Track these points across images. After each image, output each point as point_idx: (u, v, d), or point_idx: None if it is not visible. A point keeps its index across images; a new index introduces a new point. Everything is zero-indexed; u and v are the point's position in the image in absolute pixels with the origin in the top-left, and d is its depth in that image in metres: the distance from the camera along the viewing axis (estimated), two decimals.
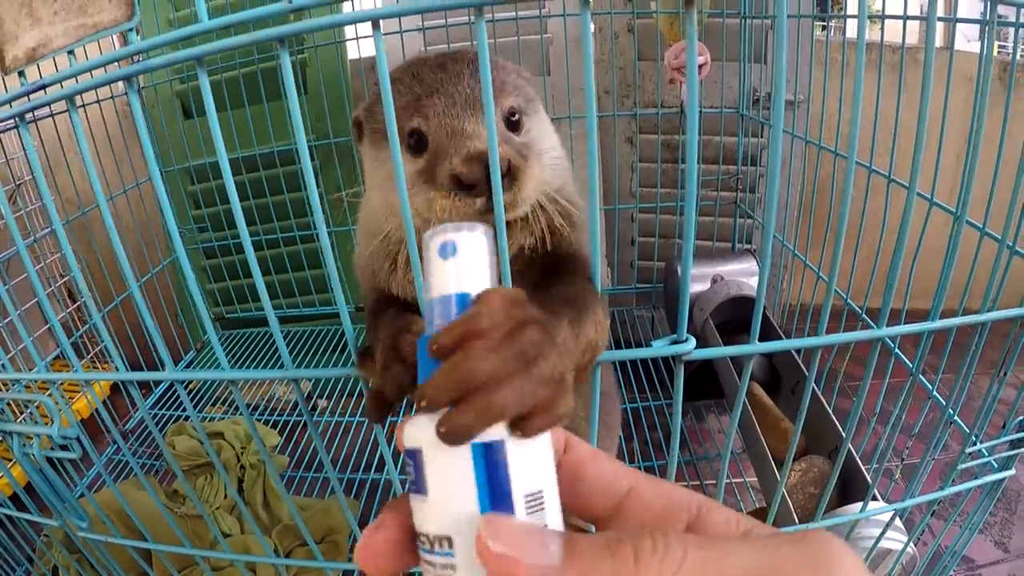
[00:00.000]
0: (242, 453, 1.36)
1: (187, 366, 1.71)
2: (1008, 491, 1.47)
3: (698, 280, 1.44)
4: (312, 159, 1.56)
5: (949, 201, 0.64)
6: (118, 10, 0.43)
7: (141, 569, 1.07)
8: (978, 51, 0.60)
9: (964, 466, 0.78)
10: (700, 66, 1.38)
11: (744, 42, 1.47)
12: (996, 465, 0.81)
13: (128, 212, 1.47)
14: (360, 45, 1.63)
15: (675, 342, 0.50)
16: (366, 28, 1.55)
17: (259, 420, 1.55)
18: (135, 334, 1.44)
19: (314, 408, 1.66)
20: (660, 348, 0.51)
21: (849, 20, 1.46)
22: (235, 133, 1.53)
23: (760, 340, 0.52)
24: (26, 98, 0.46)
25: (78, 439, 0.68)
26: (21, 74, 0.46)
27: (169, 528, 0.75)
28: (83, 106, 1.38)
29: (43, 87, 0.45)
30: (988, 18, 0.49)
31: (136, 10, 0.44)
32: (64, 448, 0.67)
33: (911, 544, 0.85)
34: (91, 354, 1.62)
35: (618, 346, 1.72)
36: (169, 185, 1.65)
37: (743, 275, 1.44)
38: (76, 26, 0.43)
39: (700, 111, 1.47)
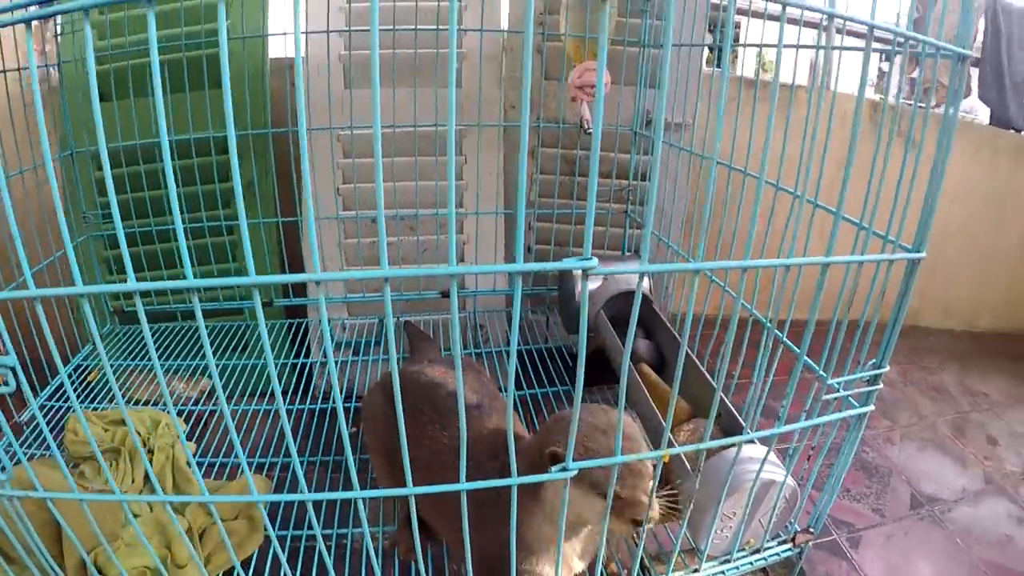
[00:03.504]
0: (148, 439, 1.35)
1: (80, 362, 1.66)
2: (881, 468, 1.77)
3: (590, 280, 1.55)
4: (224, 152, 1.60)
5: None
6: None
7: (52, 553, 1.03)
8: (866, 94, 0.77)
9: (825, 397, 0.93)
10: None
11: (642, 68, 1.64)
12: (856, 403, 0.97)
13: (24, 197, 1.41)
14: (286, 45, 1.69)
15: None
16: (290, 25, 1.63)
17: (162, 410, 1.52)
18: (34, 322, 1.39)
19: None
20: (571, 263, 0.60)
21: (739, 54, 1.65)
22: (152, 119, 1.54)
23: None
24: None
25: (13, 370, 0.65)
26: None
27: (77, 509, 0.73)
28: None
29: None
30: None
31: None
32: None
33: (789, 476, 0.99)
34: None
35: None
36: (77, 166, 1.62)
37: (632, 276, 1.57)
38: None
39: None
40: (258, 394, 1.64)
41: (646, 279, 1.55)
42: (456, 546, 1.04)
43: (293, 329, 1.81)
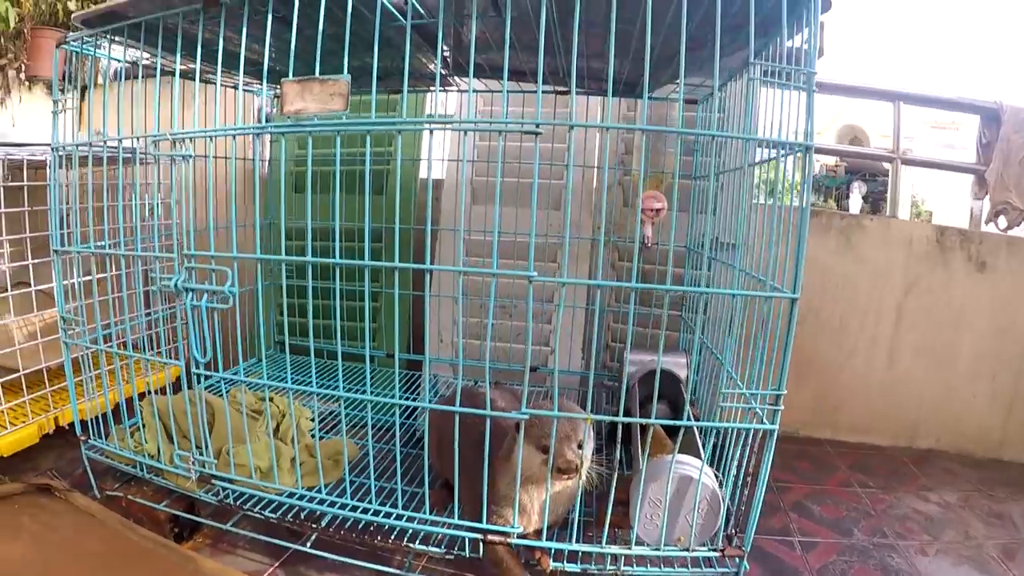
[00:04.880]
0: (285, 411, 1.85)
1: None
2: (902, 573, 1.75)
3: (637, 364, 1.91)
4: (378, 240, 2.19)
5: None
6: (341, 104, 1.12)
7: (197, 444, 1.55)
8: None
9: (730, 405, 1.27)
10: (658, 210, 1.94)
11: (694, 197, 2.06)
12: (766, 422, 1.25)
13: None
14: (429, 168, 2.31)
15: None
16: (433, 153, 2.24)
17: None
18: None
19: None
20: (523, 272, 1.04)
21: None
22: (332, 208, 2.15)
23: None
24: None
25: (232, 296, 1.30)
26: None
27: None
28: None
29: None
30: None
31: (348, 105, 1.11)
32: (223, 301, 1.29)
33: (707, 472, 1.27)
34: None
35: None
36: (272, 232, 2.31)
37: (670, 364, 1.90)
38: (321, 107, 1.13)
39: (657, 245, 2.00)
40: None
41: (684, 371, 1.87)
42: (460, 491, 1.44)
43: (407, 378, 2.31)
